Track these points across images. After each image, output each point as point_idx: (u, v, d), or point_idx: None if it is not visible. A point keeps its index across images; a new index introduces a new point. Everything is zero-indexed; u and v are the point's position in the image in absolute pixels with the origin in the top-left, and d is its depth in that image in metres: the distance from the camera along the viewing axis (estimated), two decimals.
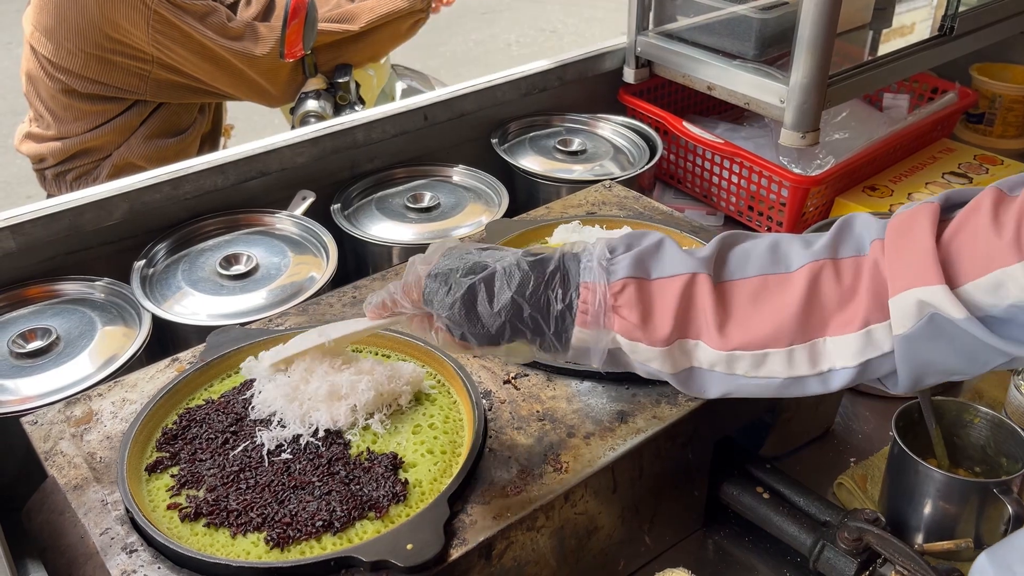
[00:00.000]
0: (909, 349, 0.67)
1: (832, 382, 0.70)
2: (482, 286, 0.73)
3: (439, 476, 0.81)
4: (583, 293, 0.72)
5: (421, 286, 0.76)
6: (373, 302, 0.81)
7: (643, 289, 0.72)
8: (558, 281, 0.73)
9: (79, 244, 1.23)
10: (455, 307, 0.74)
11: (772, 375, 0.71)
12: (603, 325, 0.72)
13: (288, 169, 1.37)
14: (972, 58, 1.80)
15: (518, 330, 0.73)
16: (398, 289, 0.79)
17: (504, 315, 0.73)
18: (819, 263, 0.70)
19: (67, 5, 1.60)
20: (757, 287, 0.71)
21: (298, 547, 0.74)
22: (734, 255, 0.74)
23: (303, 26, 1.68)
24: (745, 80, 1.46)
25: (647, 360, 0.72)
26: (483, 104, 1.55)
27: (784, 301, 0.70)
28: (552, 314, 0.73)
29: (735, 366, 0.71)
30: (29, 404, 0.99)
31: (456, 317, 0.74)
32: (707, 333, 0.71)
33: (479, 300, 0.73)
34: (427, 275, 0.76)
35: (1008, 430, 0.95)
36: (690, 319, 0.71)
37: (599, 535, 0.86)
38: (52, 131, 1.73)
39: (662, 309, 0.71)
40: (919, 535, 0.95)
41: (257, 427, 0.85)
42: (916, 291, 0.65)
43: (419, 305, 0.77)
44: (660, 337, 0.71)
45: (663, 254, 0.74)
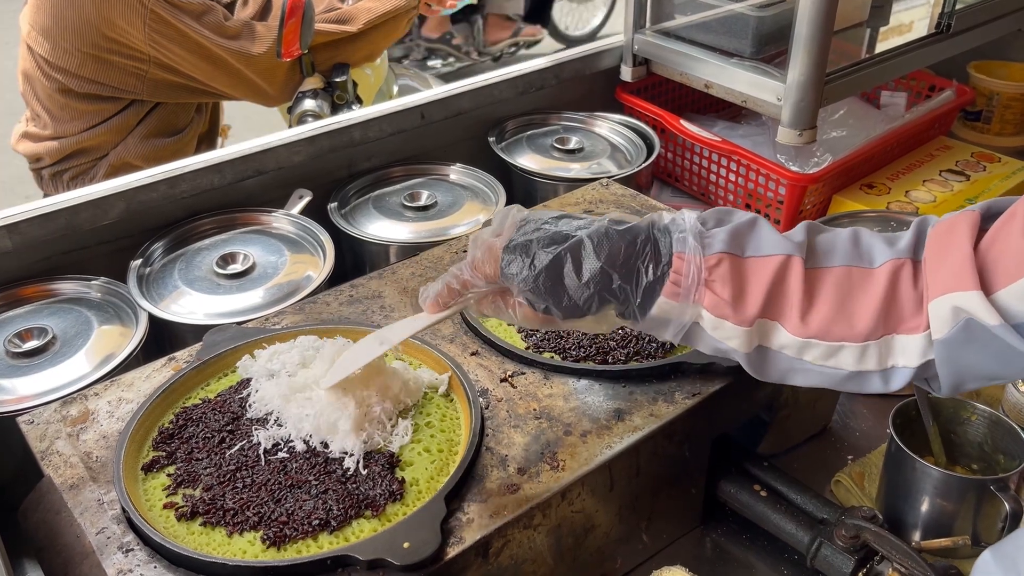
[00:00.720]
0: (947, 353, 0.67)
1: (893, 380, 0.71)
2: (568, 256, 0.71)
3: (436, 474, 0.81)
4: (676, 264, 0.71)
5: (496, 259, 0.73)
6: (431, 293, 0.78)
7: (737, 266, 0.71)
8: (650, 251, 0.72)
9: (75, 243, 1.22)
10: (539, 279, 0.71)
11: (840, 367, 0.71)
12: (692, 299, 0.71)
13: (285, 168, 1.37)
14: (970, 55, 1.80)
15: (606, 300, 0.72)
16: (464, 269, 0.76)
17: (593, 286, 0.71)
18: (900, 262, 0.71)
19: (64, 4, 1.60)
20: (841, 278, 0.71)
21: (295, 546, 0.74)
22: (820, 242, 0.74)
23: (300, 25, 1.68)
24: (742, 78, 1.46)
25: (727, 338, 0.71)
26: (480, 102, 1.55)
27: (866, 297, 0.70)
28: (642, 285, 0.71)
29: (806, 352, 0.71)
30: (25, 403, 0.99)
31: (540, 289, 0.71)
32: (789, 317, 0.70)
33: (566, 271, 0.71)
34: (504, 247, 0.73)
35: (1005, 427, 0.95)
36: (776, 301, 0.71)
37: (596, 533, 0.86)
38: (49, 131, 1.72)
39: (755, 288, 0.71)
40: (916, 532, 0.95)
41: (254, 426, 0.85)
42: (952, 296, 0.66)
43: (494, 280, 0.74)
44: (749, 316, 0.70)
45: (758, 232, 0.73)
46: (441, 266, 1.11)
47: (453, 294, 0.77)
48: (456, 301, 0.78)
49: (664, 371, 0.92)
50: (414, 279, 1.08)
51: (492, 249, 0.74)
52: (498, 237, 0.75)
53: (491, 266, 0.74)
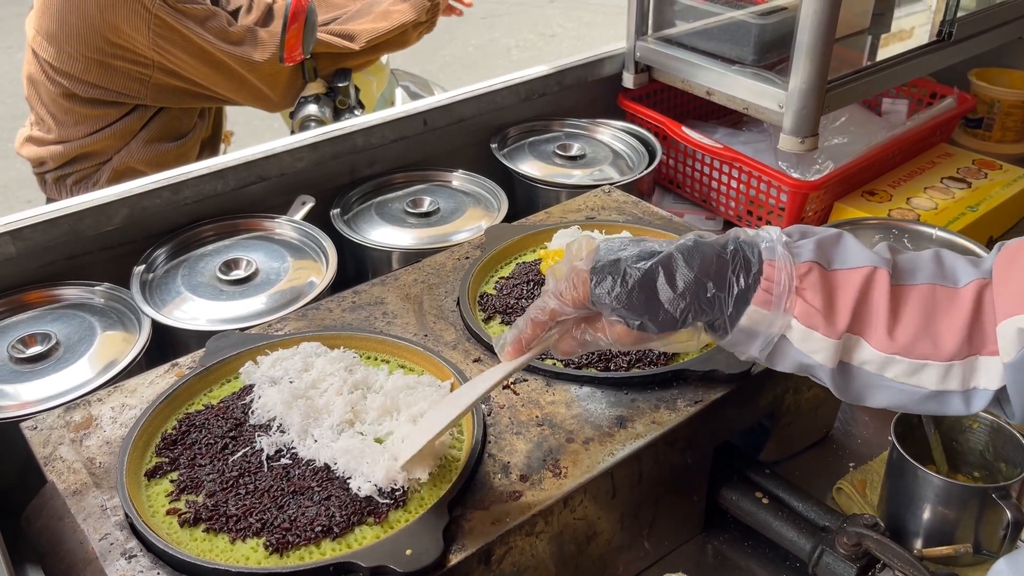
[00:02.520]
0: (1016, 376, 0.67)
1: (974, 402, 0.70)
2: (660, 270, 0.71)
3: (438, 481, 0.81)
4: (767, 271, 0.70)
5: (584, 282, 0.73)
6: (510, 337, 0.77)
7: (826, 276, 0.71)
8: (741, 261, 0.71)
9: (79, 249, 1.23)
10: (633, 294, 0.71)
11: (922, 386, 0.70)
12: (784, 307, 0.70)
13: (288, 174, 1.38)
14: (971, 63, 1.81)
15: (700, 311, 0.71)
16: (549, 300, 0.75)
17: (689, 296, 0.70)
18: (985, 282, 0.70)
19: (69, 9, 1.60)
20: (927, 296, 0.70)
21: (297, 552, 0.74)
22: (903, 259, 0.73)
23: (303, 31, 1.68)
24: (744, 85, 1.46)
25: (814, 351, 0.70)
26: (482, 109, 1.55)
27: (952, 316, 0.69)
28: (734, 293, 0.71)
29: (888, 369, 0.70)
30: (29, 409, 0.99)
31: (635, 304, 0.71)
32: (874, 332, 0.69)
33: (659, 285, 0.71)
34: (591, 268, 0.73)
35: (1007, 435, 0.95)
36: (863, 314, 0.70)
37: (598, 540, 0.86)
38: (53, 135, 1.73)
39: (844, 299, 0.70)
40: (918, 540, 0.95)
41: (257, 432, 0.85)
42: (1017, 319, 0.65)
43: (582, 305, 0.74)
44: (839, 328, 0.69)
45: (845, 245, 0.73)
46: (444, 272, 1.11)
47: (539, 328, 0.76)
48: (539, 339, 0.77)
49: (666, 378, 0.92)
50: (416, 285, 1.08)
51: (579, 273, 0.73)
52: (581, 262, 0.74)
53: (581, 289, 0.73)
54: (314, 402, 0.87)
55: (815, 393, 1.04)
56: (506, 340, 0.78)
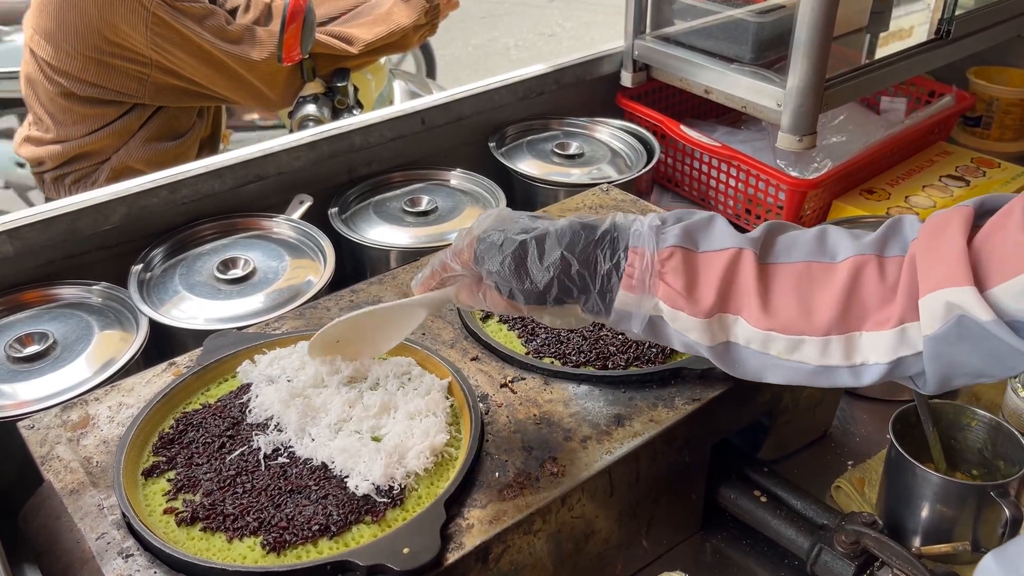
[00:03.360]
0: (937, 349, 0.68)
1: (864, 376, 0.71)
2: (533, 243, 0.76)
3: (436, 480, 0.81)
4: (631, 257, 0.74)
5: (471, 246, 0.78)
6: (422, 276, 0.84)
7: (690, 259, 0.74)
8: (608, 242, 0.75)
9: (76, 248, 1.23)
10: (505, 262, 0.76)
11: (804, 361, 0.72)
12: (648, 290, 0.74)
13: (286, 173, 1.37)
14: (969, 61, 1.81)
15: (565, 287, 0.75)
16: (448, 254, 0.81)
17: (552, 270, 0.74)
18: (864, 258, 0.71)
19: (66, 8, 1.60)
20: (801, 272, 0.72)
21: (294, 551, 0.74)
22: (782, 240, 0.75)
23: (301, 30, 1.68)
24: (742, 84, 1.46)
25: (686, 330, 0.73)
26: (481, 108, 1.55)
27: (825, 291, 0.71)
28: (599, 273, 0.75)
29: (770, 346, 0.72)
30: (26, 408, 0.99)
31: (505, 272, 0.76)
32: (747, 310, 0.72)
33: (529, 256, 0.75)
34: (478, 236, 0.78)
35: (1005, 433, 0.95)
36: (732, 294, 0.72)
37: (596, 539, 0.86)
38: (51, 134, 1.73)
39: (707, 281, 0.73)
40: (916, 538, 0.95)
41: (254, 431, 0.85)
42: (945, 292, 0.66)
43: (469, 266, 0.79)
44: (703, 308, 0.72)
45: (713, 229, 0.76)
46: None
47: (435, 277, 0.83)
48: (438, 285, 0.84)
49: (664, 376, 0.92)
50: None
51: (470, 238, 0.79)
52: (477, 228, 0.79)
53: (467, 252, 0.79)
54: (311, 401, 0.87)
55: (813, 392, 1.04)
56: (417, 280, 0.85)
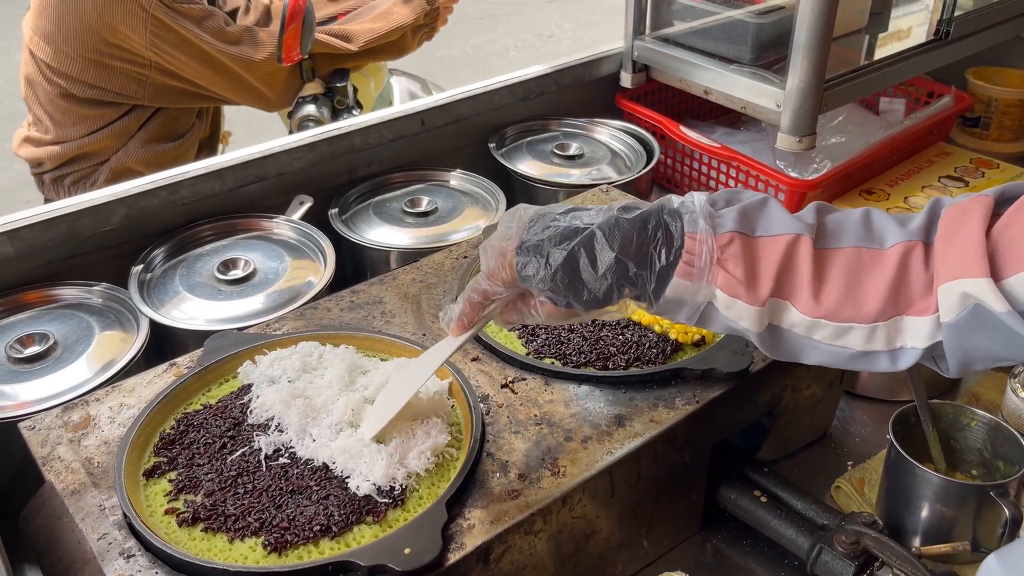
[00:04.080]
0: (955, 337, 0.68)
1: (900, 360, 0.71)
2: (582, 251, 0.72)
3: (437, 480, 0.81)
4: (688, 244, 0.72)
5: (511, 264, 0.74)
6: (454, 315, 0.79)
7: (748, 245, 0.72)
8: (662, 235, 0.73)
9: (77, 249, 1.23)
10: (556, 277, 0.72)
11: (848, 346, 0.71)
12: (706, 279, 0.72)
13: (286, 174, 1.38)
14: (968, 62, 1.81)
15: (623, 289, 0.73)
16: (482, 281, 0.77)
17: (610, 277, 0.72)
18: (912, 244, 0.71)
19: (66, 10, 1.60)
20: (852, 258, 0.72)
21: (296, 552, 0.74)
22: (830, 222, 0.74)
23: (300, 31, 1.68)
24: (742, 84, 1.46)
25: (739, 318, 0.72)
26: (480, 109, 1.55)
27: (875, 279, 0.71)
28: (656, 270, 0.72)
29: (815, 331, 0.71)
30: (27, 409, 0.99)
31: (559, 287, 0.73)
32: (799, 297, 0.71)
33: (582, 266, 0.72)
34: (517, 250, 0.74)
35: (1005, 433, 0.95)
36: (787, 280, 0.71)
37: (597, 539, 0.86)
38: (51, 135, 1.73)
39: (766, 267, 0.71)
40: (916, 538, 0.95)
41: (255, 432, 0.85)
42: (961, 282, 0.66)
43: (512, 285, 0.75)
44: (761, 296, 0.71)
45: (768, 211, 0.74)
46: (442, 272, 1.11)
47: (476, 309, 0.78)
48: (480, 316, 0.79)
49: (664, 377, 0.92)
50: (415, 285, 1.08)
51: (505, 255, 0.75)
52: (508, 241, 0.75)
53: (507, 271, 0.75)
54: (312, 401, 0.87)
55: (813, 392, 1.05)
56: (451, 317, 0.80)
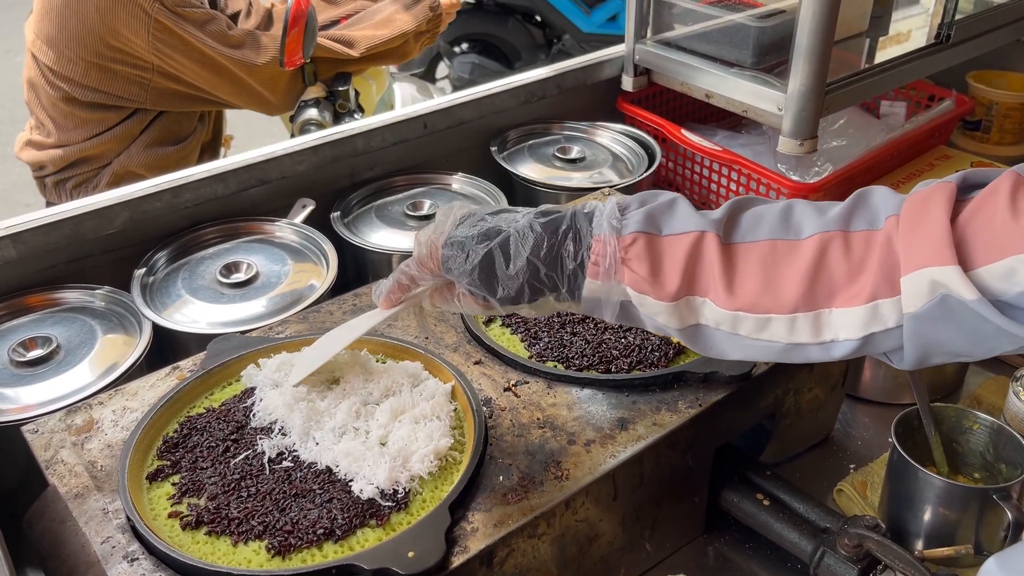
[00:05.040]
0: (918, 328, 0.67)
1: (834, 351, 0.71)
2: (498, 251, 0.75)
3: (440, 484, 0.81)
4: (595, 246, 0.74)
5: (437, 256, 0.78)
6: (383, 290, 0.83)
7: (653, 244, 0.73)
8: (571, 239, 0.75)
9: (79, 252, 1.23)
10: (474, 273, 0.75)
11: (774, 339, 0.72)
12: (613, 277, 0.74)
13: (288, 177, 1.38)
14: (969, 65, 1.81)
15: (536, 289, 0.76)
16: (412, 265, 0.81)
17: (521, 276, 0.75)
18: (829, 234, 0.71)
19: (68, 13, 1.61)
20: (766, 251, 0.72)
21: (299, 555, 0.74)
22: (746, 218, 0.75)
23: (303, 35, 1.68)
24: (743, 88, 1.46)
25: (654, 314, 0.74)
26: (482, 112, 1.56)
27: (791, 269, 0.71)
28: (566, 272, 0.75)
29: (739, 326, 0.72)
30: (30, 412, 0.99)
31: (476, 282, 0.76)
32: (714, 291, 0.72)
33: (497, 264, 0.75)
34: (443, 244, 0.77)
35: (1007, 436, 0.95)
36: (698, 276, 0.72)
37: (600, 542, 0.86)
38: (53, 139, 1.73)
39: (671, 264, 0.73)
40: (919, 541, 0.95)
41: (258, 435, 0.85)
42: (929, 271, 0.65)
43: (439, 273, 0.79)
44: (668, 292, 0.72)
45: (675, 212, 0.75)
46: None
47: (403, 289, 0.83)
48: (406, 296, 0.84)
49: (667, 380, 0.92)
50: None
51: (433, 246, 0.78)
52: (438, 235, 0.79)
53: (434, 262, 0.79)
54: (315, 405, 0.87)
55: (816, 395, 1.05)
56: (380, 292, 0.84)
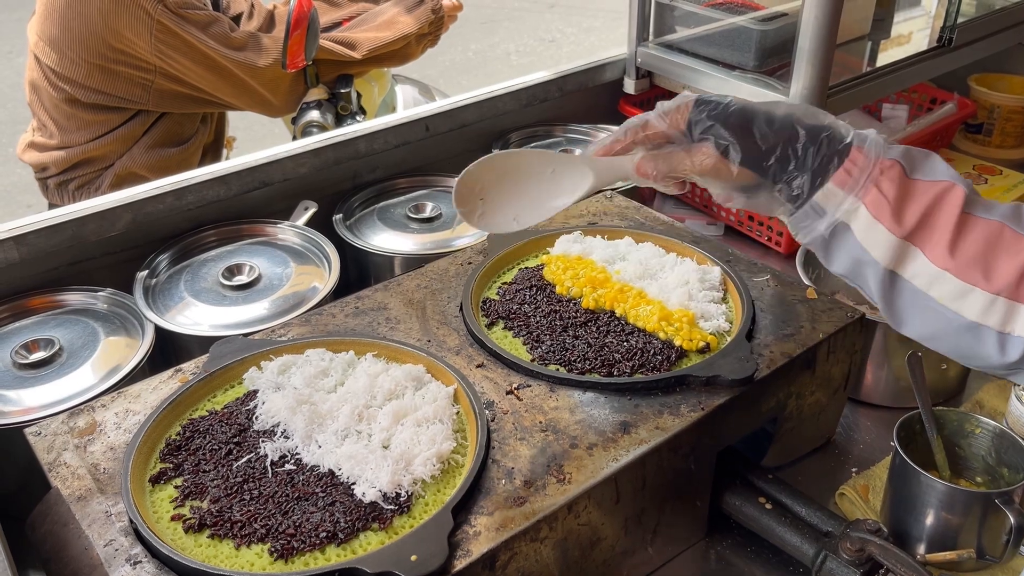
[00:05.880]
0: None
1: (1009, 348, 0.70)
2: (761, 108, 0.75)
3: (442, 487, 0.81)
4: (854, 154, 0.73)
5: (687, 107, 0.77)
6: (602, 141, 0.81)
7: (905, 177, 0.73)
8: (833, 132, 0.74)
9: (82, 254, 1.23)
10: (731, 117, 0.75)
11: (962, 312, 0.71)
12: (858, 190, 0.73)
13: (290, 179, 1.38)
14: (971, 69, 1.81)
15: (784, 157, 0.74)
16: (650, 115, 0.79)
17: (779, 137, 0.74)
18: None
19: (71, 15, 1.61)
20: (995, 230, 0.71)
21: (302, 558, 0.74)
22: (981, 199, 0.75)
23: (305, 37, 1.69)
24: (745, 91, 1.46)
25: (874, 245, 0.73)
26: (484, 115, 1.56)
27: (1011, 255, 0.70)
28: (821, 153, 0.74)
29: (935, 287, 0.71)
30: (32, 415, 0.99)
31: (730, 124, 0.75)
32: (935, 244, 0.71)
33: (756, 120, 0.75)
34: (696, 100, 0.77)
35: (1009, 440, 0.95)
36: (929, 224, 0.72)
37: (602, 546, 0.86)
38: (55, 140, 1.73)
39: (915, 202, 0.72)
40: (921, 545, 0.95)
41: (261, 438, 0.85)
42: None
43: (678, 127, 0.78)
44: (905, 227, 0.72)
45: (932, 161, 0.75)
46: (446, 278, 1.11)
47: (627, 139, 0.80)
48: (620, 149, 0.81)
49: (669, 383, 0.92)
50: (419, 291, 1.09)
51: (685, 100, 0.77)
52: (688, 97, 0.78)
53: (682, 112, 0.77)
54: (318, 408, 0.87)
55: (818, 398, 1.05)
56: (596, 142, 0.82)
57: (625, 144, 0.81)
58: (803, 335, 0.99)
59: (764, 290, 1.08)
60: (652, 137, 0.80)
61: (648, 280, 1.08)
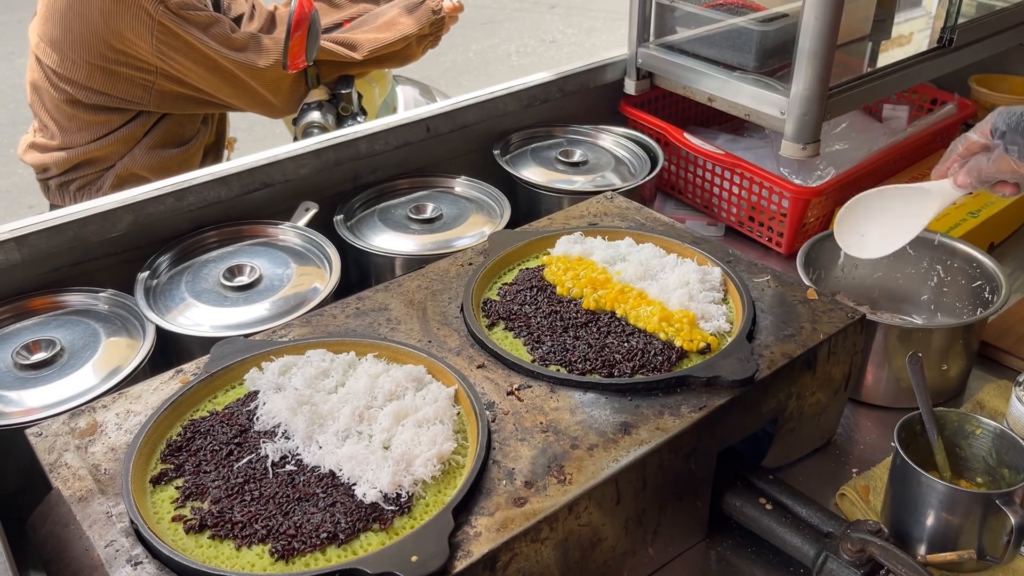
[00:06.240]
0: None
1: None
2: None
3: (443, 488, 0.81)
4: None
5: (992, 119, 0.93)
6: (940, 163, 1.02)
7: None
8: None
9: (83, 255, 1.23)
10: (1020, 126, 0.89)
11: None
12: None
13: (291, 180, 1.38)
14: (971, 69, 1.81)
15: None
16: (970, 134, 0.97)
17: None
18: None
19: (72, 16, 1.61)
20: None
21: (303, 559, 0.75)
22: None
23: (306, 38, 1.69)
24: (746, 92, 1.47)
25: None
26: (485, 116, 1.56)
27: None
28: None
29: None
30: (33, 416, 0.99)
31: (1021, 134, 0.89)
32: None
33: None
34: (1000, 109, 0.92)
35: (1010, 441, 0.95)
36: None
37: (603, 546, 0.86)
38: (56, 141, 1.73)
39: None
40: (922, 546, 0.95)
41: (261, 439, 0.86)
42: None
43: (986, 134, 0.94)
44: None
45: None
46: (447, 279, 1.11)
47: (957, 157, 0.99)
48: (952, 169, 1.00)
49: (670, 384, 0.92)
50: (420, 291, 1.09)
51: (992, 112, 0.95)
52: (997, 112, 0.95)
53: (986, 124, 0.94)
54: (319, 408, 0.87)
55: (818, 399, 1.05)
56: (942, 168, 1.02)
57: (949, 163, 0.99)
58: (804, 336, 1.00)
59: (765, 291, 1.08)
60: (970, 147, 0.96)
61: (649, 281, 1.08)
